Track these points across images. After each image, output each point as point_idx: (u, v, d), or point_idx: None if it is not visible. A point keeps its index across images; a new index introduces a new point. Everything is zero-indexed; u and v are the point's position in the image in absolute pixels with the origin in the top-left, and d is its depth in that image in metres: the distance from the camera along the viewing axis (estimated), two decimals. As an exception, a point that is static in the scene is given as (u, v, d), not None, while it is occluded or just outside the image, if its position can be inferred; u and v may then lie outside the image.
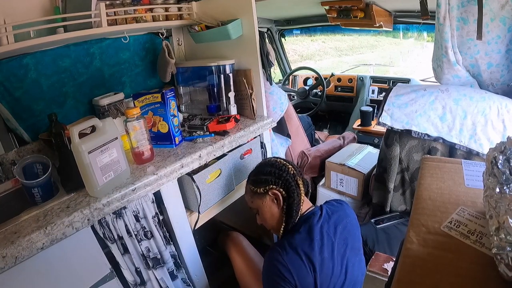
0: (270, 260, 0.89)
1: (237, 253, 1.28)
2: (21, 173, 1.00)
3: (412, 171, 1.31)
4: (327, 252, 0.88)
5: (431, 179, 0.54)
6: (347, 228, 0.96)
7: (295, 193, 0.94)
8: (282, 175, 0.96)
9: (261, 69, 1.33)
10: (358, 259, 0.96)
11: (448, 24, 1.11)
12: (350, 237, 0.95)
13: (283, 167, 0.97)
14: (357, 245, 0.98)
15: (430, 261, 0.39)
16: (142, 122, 1.02)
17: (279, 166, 0.98)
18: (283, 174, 0.96)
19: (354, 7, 1.91)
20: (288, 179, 0.95)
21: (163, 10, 1.34)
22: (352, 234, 0.96)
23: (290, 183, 0.95)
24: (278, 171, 0.96)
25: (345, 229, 0.95)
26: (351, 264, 0.93)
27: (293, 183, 0.95)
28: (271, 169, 0.98)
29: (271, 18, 2.71)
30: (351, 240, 0.95)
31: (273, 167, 0.98)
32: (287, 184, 0.95)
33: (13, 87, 1.12)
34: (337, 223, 0.94)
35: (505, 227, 0.33)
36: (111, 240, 0.91)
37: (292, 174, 0.97)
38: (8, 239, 0.73)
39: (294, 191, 0.94)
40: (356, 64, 3.19)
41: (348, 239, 0.94)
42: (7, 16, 0.98)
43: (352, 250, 0.94)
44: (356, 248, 0.96)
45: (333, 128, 2.98)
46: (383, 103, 1.29)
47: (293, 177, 0.96)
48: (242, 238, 1.36)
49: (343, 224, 0.95)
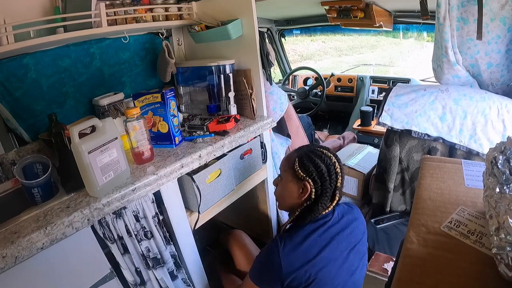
0: (268, 248, 0.90)
1: (239, 249, 1.29)
2: (21, 173, 1.00)
3: (412, 171, 1.31)
4: (328, 253, 0.88)
5: (431, 179, 0.54)
6: (354, 232, 0.94)
7: (322, 203, 0.90)
8: (326, 181, 0.90)
9: (261, 69, 1.33)
10: (362, 263, 0.96)
11: (448, 24, 1.11)
12: (356, 241, 0.94)
13: (333, 176, 0.90)
14: (363, 249, 0.97)
15: (430, 261, 0.39)
16: (142, 122, 1.02)
17: (332, 171, 0.90)
18: (327, 182, 0.90)
19: (354, 7, 1.91)
20: (327, 189, 0.90)
21: (163, 10, 1.34)
22: (358, 238, 0.95)
23: (326, 192, 0.90)
24: (327, 176, 0.90)
25: (352, 232, 0.94)
26: (354, 268, 0.92)
27: (329, 194, 0.90)
28: (323, 168, 0.90)
29: (271, 18, 2.71)
30: (356, 244, 0.94)
31: (327, 167, 0.90)
32: (323, 192, 0.90)
33: (13, 87, 1.12)
34: (345, 226, 0.93)
35: (505, 227, 0.33)
36: (111, 240, 0.91)
37: (335, 186, 0.91)
38: (8, 239, 0.73)
39: (322, 201, 0.90)
40: (356, 64, 3.19)
41: (354, 243, 0.93)
42: (7, 16, 0.98)
43: (357, 254, 0.93)
44: (361, 252, 0.95)
45: (333, 128, 2.98)
46: (383, 103, 1.29)
47: (333, 190, 0.91)
48: (245, 235, 1.37)
49: (350, 228, 0.94)
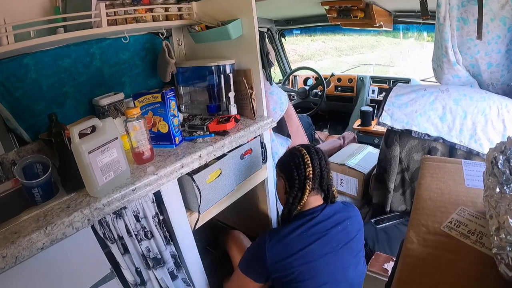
0: (257, 241, 0.98)
1: (237, 250, 1.29)
2: (21, 173, 1.00)
3: (412, 171, 1.31)
4: (315, 248, 0.91)
5: (431, 179, 0.54)
6: (347, 230, 0.97)
7: (293, 193, 0.98)
8: (293, 172, 0.99)
9: (261, 69, 1.33)
10: (355, 261, 0.97)
11: (448, 24, 1.11)
12: (349, 238, 0.96)
13: (302, 167, 0.99)
14: (357, 246, 0.99)
15: (430, 261, 0.39)
16: (142, 122, 1.02)
17: (300, 163, 0.99)
18: (294, 173, 0.99)
19: (354, 7, 1.91)
20: (295, 179, 0.98)
21: (163, 10, 1.34)
22: (351, 236, 0.97)
23: (294, 183, 0.98)
24: (294, 167, 0.99)
25: (344, 230, 0.96)
26: (346, 265, 0.94)
27: (298, 185, 0.98)
28: (290, 160, 1.01)
29: (271, 18, 2.71)
30: (349, 241, 0.96)
31: (295, 159, 1.00)
32: (292, 183, 0.99)
33: (13, 87, 1.12)
34: (337, 223, 0.96)
35: (505, 227, 0.33)
36: (111, 240, 0.91)
37: (305, 176, 0.98)
38: (8, 239, 0.73)
39: (292, 191, 0.98)
40: (356, 64, 3.19)
41: (346, 240, 0.96)
42: (7, 16, 0.98)
43: (350, 250, 0.96)
44: (354, 250, 0.97)
45: (333, 128, 2.98)
46: (383, 103, 1.29)
47: (302, 180, 0.98)
48: (243, 236, 1.37)
49: (343, 225, 0.96)
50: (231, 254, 1.31)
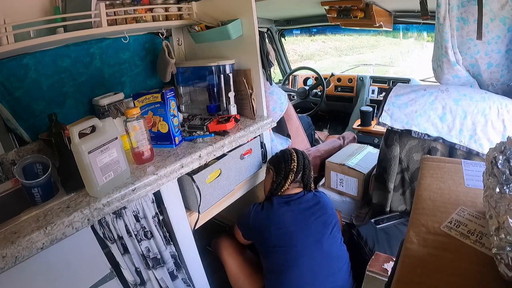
0: (249, 208, 1.21)
1: (229, 256, 1.28)
2: (21, 173, 1.00)
3: (412, 171, 1.31)
4: (289, 219, 1.12)
5: (431, 179, 0.54)
6: (319, 206, 1.17)
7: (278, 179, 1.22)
8: (281, 165, 1.23)
9: (261, 69, 1.33)
10: (328, 231, 1.13)
11: (448, 24, 1.11)
12: (321, 213, 1.15)
13: (288, 161, 1.23)
14: (328, 220, 1.16)
15: (430, 261, 0.39)
16: (142, 122, 1.02)
17: (287, 158, 1.24)
18: (282, 165, 1.23)
19: (354, 7, 1.91)
20: (281, 170, 1.22)
21: (163, 10, 1.34)
22: (322, 212, 1.16)
23: (280, 173, 1.22)
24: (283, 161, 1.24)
25: (316, 205, 1.17)
26: (320, 235, 1.11)
27: (283, 174, 1.22)
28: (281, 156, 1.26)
29: (271, 18, 2.71)
30: (321, 215, 1.15)
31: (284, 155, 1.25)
32: (279, 172, 1.23)
33: (13, 87, 1.12)
34: (310, 202, 1.18)
35: (505, 227, 0.33)
36: (111, 240, 0.91)
37: (289, 168, 1.22)
38: (8, 239, 0.73)
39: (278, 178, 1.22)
40: (356, 64, 3.19)
41: (318, 215, 1.15)
42: (7, 16, 0.98)
43: (321, 223, 1.13)
44: (326, 222, 1.15)
45: (333, 128, 2.98)
46: (383, 103, 1.29)
47: (287, 171, 1.21)
48: (231, 239, 1.34)
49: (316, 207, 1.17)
50: (223, 261, 1.30)
